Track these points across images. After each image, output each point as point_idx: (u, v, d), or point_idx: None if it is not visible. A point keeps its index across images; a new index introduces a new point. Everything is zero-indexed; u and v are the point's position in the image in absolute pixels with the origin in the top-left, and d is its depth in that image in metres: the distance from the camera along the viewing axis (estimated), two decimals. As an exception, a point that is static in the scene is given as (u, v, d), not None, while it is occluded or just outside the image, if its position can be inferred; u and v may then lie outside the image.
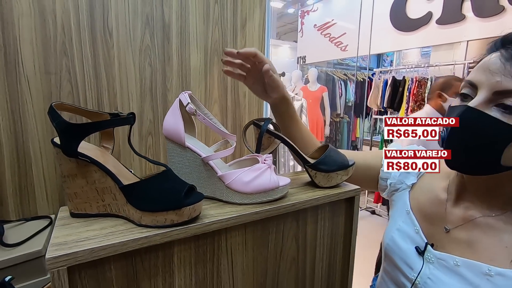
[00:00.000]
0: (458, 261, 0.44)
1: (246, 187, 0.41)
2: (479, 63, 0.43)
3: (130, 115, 0.36)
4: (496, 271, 0.40)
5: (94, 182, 0.35)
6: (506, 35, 0.42)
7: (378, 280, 0.61)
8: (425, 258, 0.48)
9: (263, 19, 0.98)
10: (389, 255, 0.54)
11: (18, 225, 0.66)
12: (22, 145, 0.66)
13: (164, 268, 0.36)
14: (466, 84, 0.43)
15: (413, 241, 0.51)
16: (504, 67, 0.38)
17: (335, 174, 0.50)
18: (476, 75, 0.41)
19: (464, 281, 0.43)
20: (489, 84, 0.39)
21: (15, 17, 0.62)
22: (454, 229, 0.48)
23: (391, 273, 0.55)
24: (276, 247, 0.45)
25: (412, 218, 0.53)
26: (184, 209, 0.34)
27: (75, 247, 0.29)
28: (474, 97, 0.41)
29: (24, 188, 0.68)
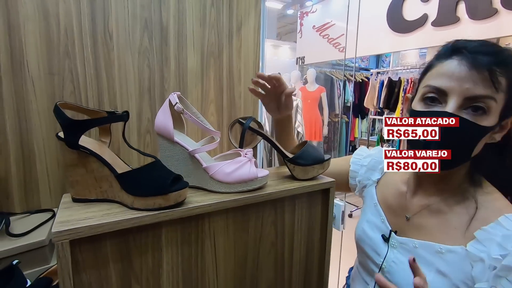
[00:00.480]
0: (416, 243, 0.50)
1: (227, 178, 0.46)
2: (432, 68, 0.48)
3: (124, 113, 0.41)
4: (446, 248, 0.46)
5: (93, 171, 0.41)
6: (455, 43, 0.47)
7: (353, 270, 0.67)
8: (390, 244, 0.54)
9: (258, 22, 1.03)
10: (360, 245, 0.60)
11: (23, 217, 0.71)
12: (27, 142, 0.71)
13: (154, 246, 0.41)
14: (432, 90, 0.46)
15: (379, 230, 0.57)
16: (471, 75, 0.42)
17: (312, 168, 0.55)
18: (445, 82, 0.44)
19: (422, 261, 0.48)
20: (461, 91, 0.43)
21: (21, 21, 0.67)
22: (413, 217, 0.54)
23: (362, 262, 0.60)
24: (256, 232, 0.51)
25: (379, 209, 0.59)
26: (170, 195, 0.39)
27: (76, 224, 0.35)
28: (443, 103, 0.45)
29: (28, 183, 0.73)
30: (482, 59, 0.42)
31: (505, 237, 0.41)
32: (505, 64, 0.43)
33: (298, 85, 3.68)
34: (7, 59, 0.67)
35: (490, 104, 0.43)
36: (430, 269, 0.47)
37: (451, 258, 0.46)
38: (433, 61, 0.49)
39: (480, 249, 0.43)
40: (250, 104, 1.02)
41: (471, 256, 0.44)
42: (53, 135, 0.73)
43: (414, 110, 0.49)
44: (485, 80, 0.42)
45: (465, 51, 0.44)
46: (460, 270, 0.45)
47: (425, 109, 0.47)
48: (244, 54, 0.98)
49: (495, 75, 0.42)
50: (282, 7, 4.42)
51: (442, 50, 0.48)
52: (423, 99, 0.48)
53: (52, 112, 0.71)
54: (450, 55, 0.46)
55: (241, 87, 1.00)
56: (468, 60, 0.43)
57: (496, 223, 0.44)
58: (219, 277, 0.47)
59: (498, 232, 0.43)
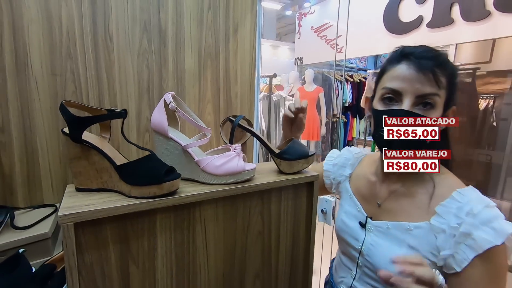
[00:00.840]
0: (389, 224, 0.57)
1: (217, 170, 0.50)
2: (386, 71, 0.55)
3: (123, 111, 0.45)
4: (414, 225, 0.53)
5: (94, 163, 0.45)
6: (403, 49, 0.54)
7: (336, 260, 0.72)
8: (367, 229, 0.60)
9: (254, 25, 1.05)
10: (341, 235, 0.65)
11: (27, 212, 0.74)
12: (30, 140, 0.74)
13: (149, 231, 0.45)
14: (389, 91, 0.53)
15: (356, 218, 0.62)
16: (419, 77, 0.50)
17: (297, 162, 0.59)
18: (399, 84, 0.52)
19: (395, 239, 0.55)
20: (412, 91, 0.51)
21: (25, 24, 0.70)
22: (384, 202, 0.60)
23: (344, 250, 0.65)
24: (244, 221, 0.55)
25: (354, 200, 0.65)
26: (164, 184, 0.43)
27: (79, 209, 0.39)
28: (399, 101, 0.52)
29: (32, 179, 0.76)
30: (426, 63, 0.50)
31: (459, 209, 0.49)
32: (443, 66, 0.51)
33: (297, 86, 3.72)
34: (11, 60, 0.70)
35: (436, 99, 0.51)
36: (402, 245, 0.54)
37: (419, 233, 0.52)
38: (386, 65, 0.56)
39: (441, 221, 0.50)
40: (246, 104, 1.05)
41: (434, 228, 0.51)
42: (56, 134, 0.76)
43: (376, 109, 0.56)
44: (430, 80, 0.50)
45: (412, 57, 0.51)
46: (427, 243, 0.51)
47: (385, 108, 0.54)
48: (240, 56, 1.00)
49: (437, 76, 0.50)
50: (281, 8, 4.46)
51: (393, 55, 0.55)
52: (382, 99, 0.55)
53: (54, 111, 0.75)
54: (400, 60, 0.53)
55: (238, 88, 1.03)
56: (416, 64, 0.50)
57: (451, 198, 0.51)
58: (209, 261, 0.52)
59: (453, 205, 0.50)
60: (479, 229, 0.46)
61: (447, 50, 2.61)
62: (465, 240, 0.47)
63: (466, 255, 0.47)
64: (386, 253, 0.54)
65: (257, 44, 1.09)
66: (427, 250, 0.51)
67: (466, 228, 0.47)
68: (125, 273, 0.44)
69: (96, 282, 0.42)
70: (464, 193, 0.51)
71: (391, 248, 0.55)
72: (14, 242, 0.63)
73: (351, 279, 0.62)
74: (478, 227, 0.46)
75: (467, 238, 0.47)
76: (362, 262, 0.59)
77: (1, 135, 0.71)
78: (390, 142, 0.52)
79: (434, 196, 0.54)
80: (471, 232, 0.47)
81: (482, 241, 0.46)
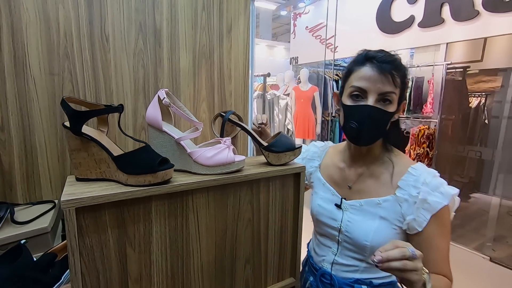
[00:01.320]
0: (361, 202, 0.67)
1: (208, 161, 0.54)
2: (353, 72, 0.64)
3: (119, 106, 0.49)
4: (382, 199, 0.64)
5: (93, 154, 0.49)
6: (366, 53, 0.63)
7: (312, 242, 0.79)
8: (343, 208, 0.69)
9: (247, 24, 1.08)
10: (319, 219, 0.72)
11: (26, 208, 0.77)
12: (29, 138, 0.77)
13: (145, 217, 0.49)
14: (356, 89, 0.62)
15: (332, 201, 0.70)
16: (381, 78, 0.60)
17: (284, 155, 0.63)
18: (363, 83, 0.61)
19: (368, 213, 0.65)
20: (375, 89, 0.60)
21: (23, 25, 0.72)
22: (354, 184, 0.70)
23: (322, 231, 0.73)
24: (234, 209, 0.59)
25: (328, 186, 0.74)
26: (158, 173, 0.47)
27: (80, 195, 0.43)
28: (365, 98, 0.61)
29: (30, 176, 0.78)
30: (386, 66, 0.60)
31: (415, 181, 0.62)
32: (398, 68, 0.61)
33: (292, 85, 3.76)
34: (10, 60, 0.72)
35: (393, 96, 0.61)
36: (375, 217, 0.64)
37: (387, 205, 0.64)
38: (353, 66, 0.65)
39: (403, 193, 0.62)
40: (240, 102, 1.07)
41: (399, 199, 0.63)
42: (54, 132, 0.78)
43: (345, 104, 0.65)
44: (389, 81, 0.60)
45: (374, 60, 0.61)
46: (394, 212, 0.63)
47: (353, 104, 0.63)
48: (234, 55, 1.03)
49: (394, 77, 0.60)
50: (276, 8, 4.50)
51: (358, 58, 0.64)
52: (351, 96, 0.64)
53: (52, 110, 0.78)
54: (364, 63, 0.62)
55: (232, 86, 1.05)
56: (378, 67, 0.60)
57: (408, 173, 0.63)
58: (201, 246, 0.55)
59: (411, 178, 0.63)
60: (432, 194, 0.59)
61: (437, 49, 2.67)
62: (423, 205, 0.59)
63: (424, 217, 0.59)
64: (363, 226, 0.64)
65: (251, 44, 1.12)
66: (395, 218, 0.63)
67: (423, 195, 0.59)
68: (123, 255, 0.47)
69: (96, 263, 0.45)
70: (416, 167, 0.64)
71: (366, 222, 0.64)
72: (15, 236, 0.66)
73: (332, 256, 0.70)
74: (430, 193, 0.59)
75: (424, 203, 0.59)
76: (342, 238, 0.67)
77: (1, 134, 0.74)
78: (359, 131, 0.61)
79: (394, 173, 0.65)
80: (426, 198, 0.59)
81: (435, 204, 0.59)
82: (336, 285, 0.68)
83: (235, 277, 0.61)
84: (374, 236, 0.62)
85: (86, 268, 0.45)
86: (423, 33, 2.66)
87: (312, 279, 0.74)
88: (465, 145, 3.61)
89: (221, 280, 0.59)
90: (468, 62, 3.19)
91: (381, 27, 3.02)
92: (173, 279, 0.53)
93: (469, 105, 3.53)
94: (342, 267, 0.68)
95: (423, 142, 2.57)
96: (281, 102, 2.83)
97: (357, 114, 0.62)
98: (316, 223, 0.75)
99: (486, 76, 3.52)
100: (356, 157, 0.71)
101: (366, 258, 0.65)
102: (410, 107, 2.67)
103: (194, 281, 0.56)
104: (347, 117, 0.64)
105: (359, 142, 0.65)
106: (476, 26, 2.31)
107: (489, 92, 3.53)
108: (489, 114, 3.56)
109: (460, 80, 3.03)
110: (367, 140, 0.64)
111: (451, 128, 3.30)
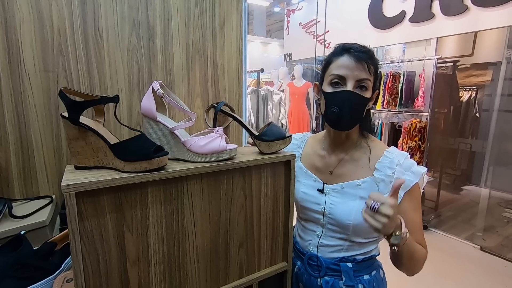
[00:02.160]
0: (342, 185, 0.71)
1: (201, 149, 0.57)
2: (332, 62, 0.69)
3: (115, 96, 0.51)
4: (361, 181, 0.70)
5: (91, 143, 0.51)
6: (344, 45, 0.68)
7: (297, 229, 0.83)
8: (325, 192, 0.73)
9: (240, 20, 1.09)
10: (303, 205, 0.76)
11: (23, 203, 0.78)
12: (25, 134, 0.78)
13: (141, 202, 0.51)
14: (336, 77, 0.67)
15: (315, 187, 0.75)
16: (357, 66, 0.65)
17: (275, 143, 0.66)
18: (342, 71, 0.66)
19: (349, 195, 0.70)
20: (353, 76, 0.65)
21: (17, 23, 0.73)
22: (334, 170, 0.75)
23: (306, 217, 0.77)
24: (227, 195, 0.61)
25: (309, 173, 0.78)
26: (153, 160, 0.50)
27: (79, 181, 0.45)
28: (344, 85, 0.66)
29: (27, 171, 0.79)
30: (362, 55, 0.65)
31: (390, 162, 0.68)
32: (372, 58, 0.67)
33: (286, 81, 3.79)
34: (4, 57, 0.73)
35: (368, 83, 0.66)
36: (355, 198, 0.70)
37: (366, 186, 0.69)
38: (331, 57, 0.70)
39: (380, 174, 0.68)
40: (234, 97, 1.09)
41: (376, 180, 0.68)
42: (50, 128, 0.79)
43: (326, 92, 0.69)
44: (364, 69, 0.65)
45: (352, 50, 0.66)
46: (372, 191, 0.68)
47: (333, 90, 0.68)
48: (227, 51, 1.05)
49: (369, 65, 0.66)
50: (270, 4, 4.52)
51: (336, 49, 0.70)
52: (331, 83, 0.68)
53: (47, 106, 0.79)
54: (342, 53, 0.67)
55: (225, 82, 1.07)
56: (355, 56, 0.65)
57: (384, 156, 0.69)
58: (196, 230, 0.58)
59: (386, 160, 0.69)
60: (405, 174, 0.67)
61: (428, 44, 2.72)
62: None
63: (399, 194, 0.65)
64: (344, 207, 0.69)
65: (244, 39, 1.13)
66: None
67: (397, 175, 0.66)
68: (121, 238, 0.50)
69: (96, 246, 0.48)
70: (391, 151, 0.70)
71: (347, 203, 0.69)
72: (14, 230, 0.67)
73: (317, 239, 0.74)
74: (404, 173, 0.67)
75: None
76: (326, 221, 0.72)
77: (-3, 130, 0.74)
78: (339, 116, 0.66)
79: (371, 157, 0.71)
80: (400, 177, 0.65)
81: (408, 182, 0.66)
82: (323, 266, 0.72)
83: (230, 260, 0.64)
84: (356, 215, 0.67)
85: (86, 251, 0.47)
86: (414, 28, 2.70)
87: (299, 263, 0.78)
88: (456, 138, 3.67)
89: (216, 263, 0.62)
90: (459, 56, 3.25)
91: (373, 22, 3.06)
92: (170, 262, 0.56)
93: (460, 99, 3.59)
94: (328, 248, 0.73)
95: (415, 135, 2.62)
96: (274, 97, 2.86)
97: (338, 99, 0.66)
98: (300, 210, 0.79)
99: (477, 70, 3.59)
100: (336, 143, 0.76)
101: (349, 236, 0.70)
102: (402, 101, 2.72)
103: (190, 264, 0.58)
104: (328, 103, 0.68)
105: (339, 127, 0.69)
106: (466, 20, 2.36)
107: (480, 86, 3.60)
108: (480, 107, 3.63)
109: (450, 74, 3.08)
110: (347, 124, 0.68)
111: (442, 121, 3.36)
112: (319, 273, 0.72)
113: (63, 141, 0.82)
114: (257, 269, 0.69)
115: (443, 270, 2.16)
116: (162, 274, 0.55)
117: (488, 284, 2.04)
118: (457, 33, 2.48)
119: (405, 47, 3.12)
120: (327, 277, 0.72)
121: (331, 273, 0.72)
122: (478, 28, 2.35)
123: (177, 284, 0.58)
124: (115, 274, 0.50)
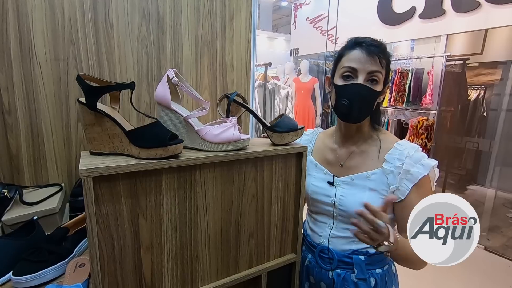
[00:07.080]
0: (352, 177, 0.72)
1: (215, 138, 0.57)
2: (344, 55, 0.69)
3: (131, 83, 0.51)
4: (371, 173, 0.71)
5: (107, 129, 0.51)
6: (356, 39, 0.69)
7: (307, 222, 0.83)
8: (335, 185, 0.74)
9: (249, 13, 1.08)
10: (314, 198, 0.77)
11: (33, 191, 0.79)
12: (35, 122, 0.78)
13: (156, 189, 0.52)
14: (348, 70, 0.67)
15: (325, 180, 0.76)
16: (369, 59, 0.65)
17: (287, 135, 0.66)
18: (354, 64, 0.66)
19: (358, 187, 0.71)
20: (364, 69, 0.66)
21: (29, 10, 0.73)
22: (345, 162, 0.75)
23: (317, 210, 0.77)
24: (239, 185, 0.61)
25: (320, 167, 0.79)
26: (169, 147, 0.50)
27: (96, 166, 0.45)
28: (355, 77, 0.67)
29: (37, 159, 0.80)
30: (374, 49, 0.66)
31: (400, 154, 0.68)
32: (384, 52, 0.67)
33: (292, 76, 3.77)
34: (16, 45, 0.73)
35: (379, 76, 0.67)
36: (365, 189, 0.70)
37: (375, 177, 0.70)
38: (344, 51, 0.70)
39: (390, 165, 0.69)
40: (242, 90, 1.08)
41: (385, 171, 0.69)
42: (59, 116, 0.80)
43: (337, 84, 0.69)
44: (376, 62, 0.66)
45: (364, 44, 0.67)
46: (381, 183, 0.69)
47: (345, 83, 0.68)
48: (236, 43, 1.04)
49: (381, 58, 0.66)
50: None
51: (348, 43, 0.70)
52: (342, 76, 0.69)
53: (58, 95, 0.79)
54: (354, 47, 0.68)
55: (234, 74, 1.06)
56: (366, 49, 0.66)
57: (394, 148, 0.70)
58: (208, 218, 0.58)
59: (396, 152, 0.69)
60: (414, 166, 0.66)
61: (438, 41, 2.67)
62: (406, 175, 0.66)
63: (407, 186, 0.66)
64: (355, 199, 0.70)
65: (253, 32, 1.12)
66: (382, 188, 0.69)
67: (406, 167, 0.66)
68: (135, 224, 0.50)
69: (111, 230, 0.48)
70: (401, 143, 0.71)
71: (357, 194, 0.70)
72: (25, 216, 0.69)
73: (328, 230, 0.74)
74: (413, 165, 0.66)
75: (407, 174, 0.66)
76: (337, 213, 0.72)
77: (8, 117, 0.76)
78: (349, 108, 0.66)
79: (381, 149, 0.72)
80: (409, 169, 0.66)
81: (417, 174, 0.65)
82: (335, 258, 0.71)
83: (240, 250, 0.64)
84: None
85: (102, 235, 0.48)
86: (424, 24, 2.66)
87: (310, 256, 0.78)
88: (463, 137, 3.63)
89: (226, 252, 0.62)
90: (468, 54, 3.20)
91: (382, 18, 3.02)
92: (182, 249, 0.56)
93: (468, 98, 3.54)
94: (339, 240, 0.73)
95: (422, 133, 2.60)
96: (281, 92, 2.85)
97: (349, 92, 0.67)
98: (311, 202, 0.79)
99: (486, 69, 3.53)
100: (347, 136, 0.76)
101: None
102: (409, 98, 2.69)
103: (202, 252, 0.59)
104: (339, 96, 0.69)
105: (349, 119, 0.70)
106: (477, 17, 2.32)
107: (488, 85, 3.54)
108: (488, 106, 3.58)
109: (459, 72, 3.04)
110: (357, 116, 0.69)
111: (449, 120, 3.33)
112: (330, 265, 0.72)
113: (73, 130, 0.83)
114: (266, 259, 0.69)
115: (447, 270, 2.15)
116: (174, 261, 0.56)
117: (491, 284, 2.03)
118: (468, 30, 2.43)
119: (413, 44, 3.08)
120: (339, 270, 0.72)
121: (343, 266, 0.71)
122: (489, 25, 2.31)
123: (189, 271, 0.58)
124: (129, 259, 0.51)
